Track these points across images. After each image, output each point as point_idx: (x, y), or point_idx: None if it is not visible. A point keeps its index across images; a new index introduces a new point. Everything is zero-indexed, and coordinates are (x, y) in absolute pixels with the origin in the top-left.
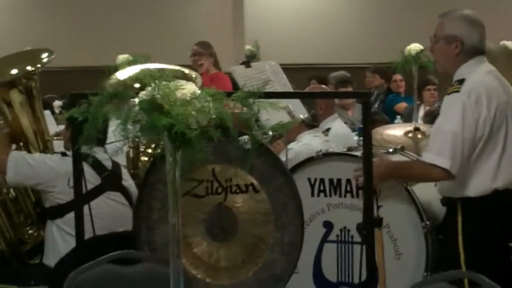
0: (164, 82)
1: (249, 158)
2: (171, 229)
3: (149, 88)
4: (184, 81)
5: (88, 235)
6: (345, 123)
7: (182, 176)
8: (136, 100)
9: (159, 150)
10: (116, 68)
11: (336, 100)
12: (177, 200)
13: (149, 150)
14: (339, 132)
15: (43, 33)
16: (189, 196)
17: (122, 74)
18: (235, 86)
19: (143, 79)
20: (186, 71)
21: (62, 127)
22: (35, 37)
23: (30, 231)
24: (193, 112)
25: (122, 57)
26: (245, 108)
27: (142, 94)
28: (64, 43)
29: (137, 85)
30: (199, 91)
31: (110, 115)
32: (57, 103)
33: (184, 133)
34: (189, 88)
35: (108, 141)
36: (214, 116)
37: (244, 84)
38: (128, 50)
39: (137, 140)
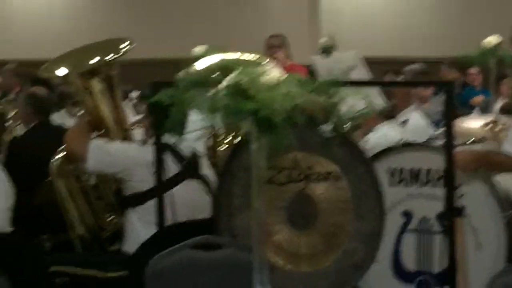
0: (249, 68)
1: (331, 146)
2: (254, 215)
3: (235, 74)
4: (269, 67)
5: (167, 222)
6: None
7: (265, 163)
8: (222, 85)
9: (238, 139)
10: (192, 60)
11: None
12: (261, 185)
13: (228, 139)
14: (416, 123)
15: (121, 25)
16: (270, 184)
17: (201, 65)
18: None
19: (227, 66)
20: (264, 61)
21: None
22: (112, 29)
23: (110, 218)
24: (278, 98)
25: (198, 49)
26: None
27: (228, 79)
28: (141, 35)
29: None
30: (284, 77)
31: (196, 100)
32: (133, 94)
33: (269, 118)
34: (274, 74)
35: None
36: (299, 102)
37: (325, 74)
38: (203, 43)
39: (216, 128)
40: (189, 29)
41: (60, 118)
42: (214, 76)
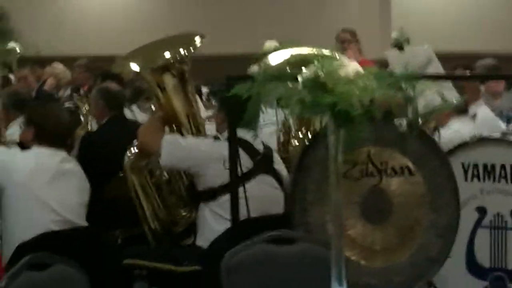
0: (327, 62)
1: (406, 141)
2: (331, 209)
3: (313, 67)
4: (347, 60)
5: (240, 217)
6: (492, 111)
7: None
8: (299, 78)
9: (310, 135)
10: (262, 55)
11: (483, 88)
12: (339, 179)
13: (300, 135)
14: (485, 117)
15: (192, 20)
16: (344, 178)
17: (275, 59)
18: None
19: (302, 60)
20: (338, 55)
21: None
22: (184, 25)
23: (183, 213)
24: (356, 91)
25: (269, 44)
26: None
27: (306, 73)
28: (211, 30)
29: (294, 68)
30: (361, 70)
31: (273, 94)
32: (203, 90)
33: (347, 112)
34: (352, 67)
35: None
36: (376, 96)
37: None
38: (274, 37)
39: (288, 124)
40: (260, 23)
41: (132, 113)
42: (290, 70)
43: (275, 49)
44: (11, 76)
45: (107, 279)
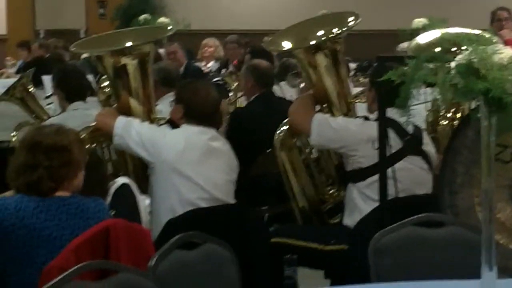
0: (481, 47)
1: None
2: (483, 194)
3: (466, 52)
4: (501, 46)
5: (388, 198)
6: None
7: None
8: (452, 64)
9: (458, 115)
10: (411, 33)
11: None
12: (491, 164)
13: (449, 115)
14: None
15: None
16: (495, 161)
17: (423, 38)
18: None
19: (453, 42)
20: (487, 35)
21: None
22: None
23: (331, 191)
24: (510, 77)
25: (417, 21)
26: None
27: (459, 58)
28: (360, 6)
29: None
30: None
31: (427, 78)
32: (352, 66)
33: (500, 98)
34: (506, 53)
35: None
36: None
37: None
38: (424, 14)
39: (437, 104)
40: (411, 0)
41: (280, 89)
42: (443, 53)
43: (424, 27)
44: (161, 51)
45: (254, 256)
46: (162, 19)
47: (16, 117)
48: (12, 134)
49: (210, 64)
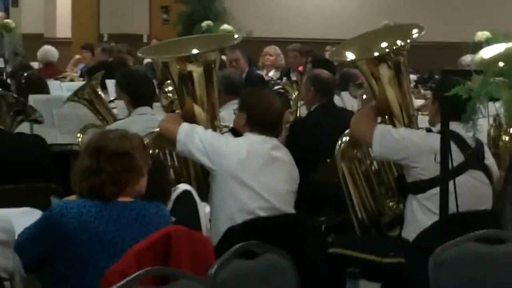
0: None
1: None
2: None
3: None
4: None
5: (449, 212)
6: None
7: None
8: None
9: None
10: (473, 46)
11: None
12: None
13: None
14: None
15: (405, 7)
16: None
17: (487, 53)
18: None
19: None
20: None
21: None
22: (397, 12)
23: (390, 204)
24: None
25: (481, 34)
26: None
27: None
28: (423, 17)
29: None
30: None
31: (494, 94)
32: (411, 77)
33: None
34: None
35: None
36: None
37: None
38: (486, 28)
39: (499, 119)
40: (471, 13)
41: (341, 99)
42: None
43: (487, 40)
44: (223, 58)
45: (312, 267)
46: (225, 26)
47: (81, 120)
48: (77, 136)
49: (271, 73)
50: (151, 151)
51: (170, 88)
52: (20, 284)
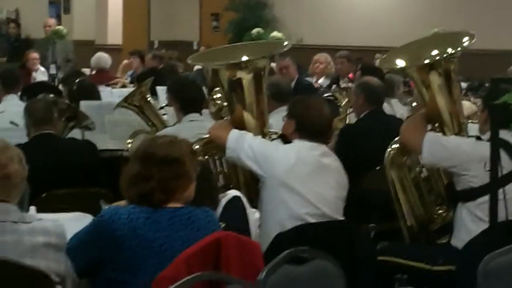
0: None
1: None
2: None
3: None
4: None
5: (498, 220)
6: None
7: None
8: None
9: None
10: None
11: None
12: None
13: None
14: None
15: (454, 14)
16: None
17: None
18: None
19: None
20: None
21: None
22: (444, 18)
23: (439, 211)
24: None
25: None
26: None
27: None
28: (470, 26)
29: None
30: None
31: None
32: (461, 85)
33: None
34: None
35: None
36: None
37: None
38: None
39: None
40: None
41: (390, 107)
42: None
43: None
44: (273, 65)
45: (361, 274)
46: (275, 33)
47: (130, 126)
48: (127, 141)
49: (321, 80)
50: (200, 158)
51: (219, 95)
52: None
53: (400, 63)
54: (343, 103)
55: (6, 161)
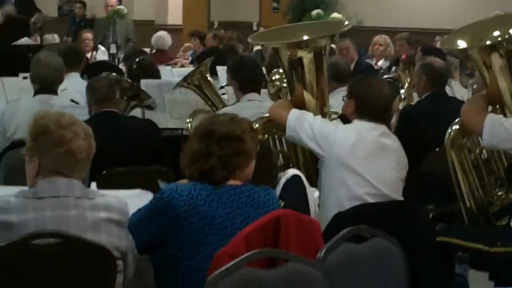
0: None
1: None
2: None
3: None
4: None
5: None
6: None
7: None
8: None
9: None
10: None
11: None
12: None
13: None
14: None
15: None
16: None
17: None
18: None
19: None
20: None
21: None
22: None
23: (499, 193)
24: None
25: None
26: None
27: None
28: None
29: None
30: None
31: None
32: None
33: None
34: None
35: None
36: None
37: None
38: None
39: None
40: None
41: (450, 89)
42: None
43: None
44: (332, 46)
45: (420, 254)
46: (335, 15)
47: (191, 106)
48: (187, 121)
49: (380, 62)
50: (260, 136)
51: (277, 76)
52: (132, 264)
53: (462, 44)
54: (406, 84)
55: (71, 136)
